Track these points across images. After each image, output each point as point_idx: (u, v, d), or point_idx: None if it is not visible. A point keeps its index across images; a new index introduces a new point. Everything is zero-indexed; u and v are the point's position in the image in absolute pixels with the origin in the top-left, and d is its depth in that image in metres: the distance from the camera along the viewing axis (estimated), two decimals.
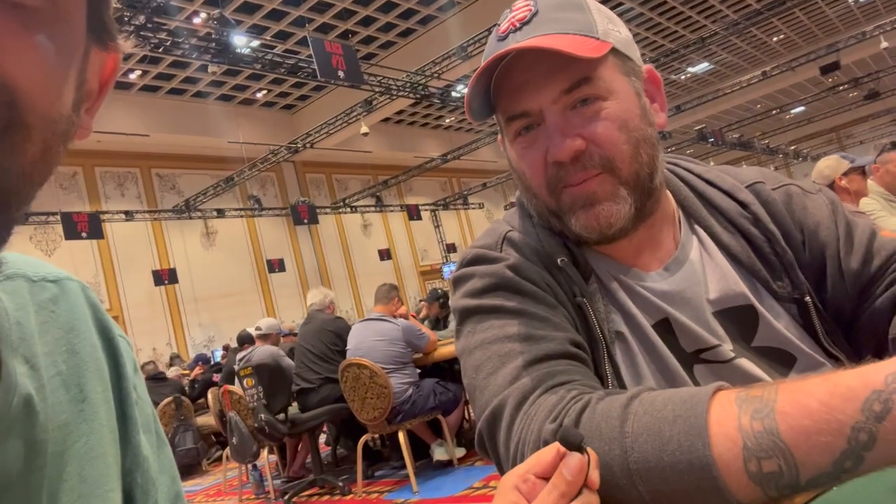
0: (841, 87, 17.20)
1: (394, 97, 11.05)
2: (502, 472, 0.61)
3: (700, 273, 0.73)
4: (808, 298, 0.70)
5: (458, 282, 0.75)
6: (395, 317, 4.06)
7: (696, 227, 0.77)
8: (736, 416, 0.47)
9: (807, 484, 0.44)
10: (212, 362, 8.47)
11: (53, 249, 11.14)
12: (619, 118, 0.67)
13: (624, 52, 0.70)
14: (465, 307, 0.71)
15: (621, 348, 0.70)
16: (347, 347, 4.02)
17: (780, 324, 0.70)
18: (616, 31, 0.70)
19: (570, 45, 0.64)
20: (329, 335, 4.25)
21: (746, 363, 0.69)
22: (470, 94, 0.70)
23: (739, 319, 0.71)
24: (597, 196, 0.67)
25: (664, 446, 0.48)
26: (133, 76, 11.13)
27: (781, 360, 0.70)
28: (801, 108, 20.65)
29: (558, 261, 0.71)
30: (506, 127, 0.72)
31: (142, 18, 7.23)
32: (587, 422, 0.54)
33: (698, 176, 0.80)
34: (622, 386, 0.68)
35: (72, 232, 9.52)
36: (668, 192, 0.77)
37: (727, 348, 0.70)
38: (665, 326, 0.71)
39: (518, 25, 0.68)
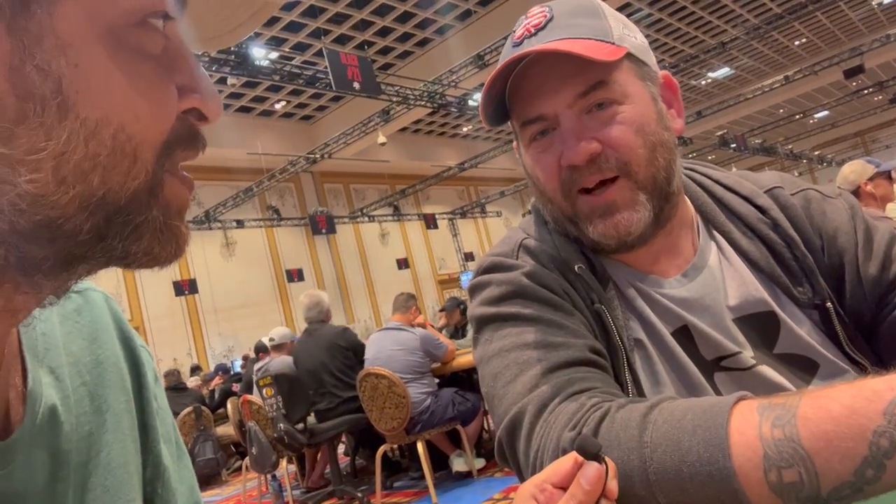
0: (865, 91, 16.93)
1: (411, 107, 11.10)
2: (523, 480, 0.60)
3: (719, 279, 0.72)
4: (829, 304, 0.69)
5: (474, 290, 0.75)
6: (412, 326, 4.06)
7: (715, 233, 0.76)
8: (757, 424, 0.46)
9: (829, 496, 0.43)
10: (231, 372, 8.53)
11: None
12: (635, 122, 0.67)
13: (639, 57, 0.70)
14: (483, 315, 0.71)
15: (640, 356, 0.69)
16: (366, 357, 4.02)
17: (801, 330, 0.69)
18: (631, 36, 0.70)
19: (585, 48, 0.64)
20: (342, 351, 4.14)
21: (768, 370, 0.68)
22: (484, 99, 0.70)
23: (760, 326, 0.70)
24: (616, 205, 0.67)
25: (684, 457, 0.48)
26: None
27: (804, 367, 0.69)
28: (825, 113, 20.35)
29: (575, 267, 0.71)
30: (521, 132, 0.72)
31: None
32: (606, 431, 0.53)
33: (716, 181, 0.79)
34: (641, 394, 0.67)
35: None
36: (685, 198, 0.76)
37: (748, 355, 0.68)
38: (684, 334, 0.70)
39: (533, 31, 0.69)
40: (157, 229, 0.33)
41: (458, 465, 3.93)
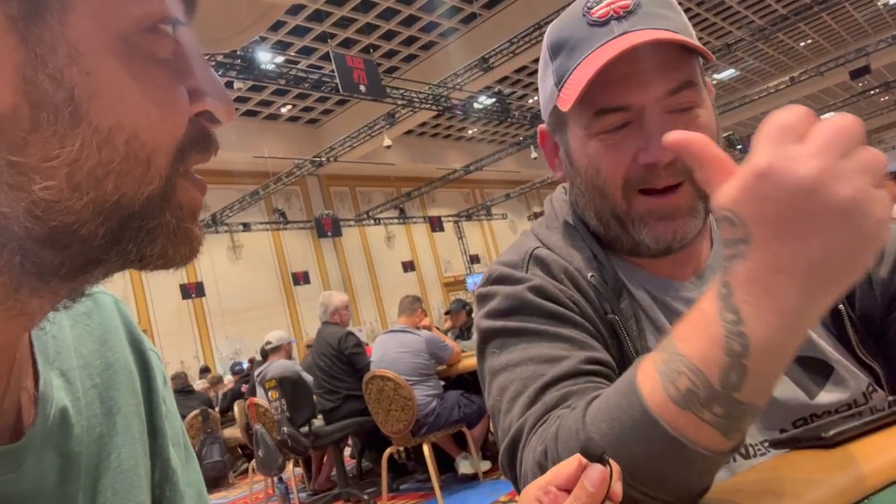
0: (872, 92, 16.83)
1: (416, 110, 11.12)
2: None
3: None
4: (841, 306, 0.68)
5: (480, 300, 0.75)
6: (418, 328, 4.07)
7: None
8: (652, 359, 0.49)
9: (723, 389, 0.44)
10: (243, 373, 8.54)
11: None
12: (708, 128, 0.66)
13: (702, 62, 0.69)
14: (488, 328, 0.71)
15: None
16: (371, 359, 4.03)
17: (813, 333, 0.68)
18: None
19: (690, 44, 0.63)
20: (333, 353, 4.17)
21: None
22: (570, 81, 0.65)
23: None
24: (680, 210, 0.66)
25: (611, 413, 0.50)
26: None
27: (817, 370, 0.68)
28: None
29: (588, 276, 0.70)
30: (589, 120, 0.67)
31: None
32: (563, 440, 0.53)
33: None
34: None
35: None
36: None
37: None
38: None
39: (622, 13, 0.65)
40: (170, 232, 0.33)
41: (463, 467, 3.93)
